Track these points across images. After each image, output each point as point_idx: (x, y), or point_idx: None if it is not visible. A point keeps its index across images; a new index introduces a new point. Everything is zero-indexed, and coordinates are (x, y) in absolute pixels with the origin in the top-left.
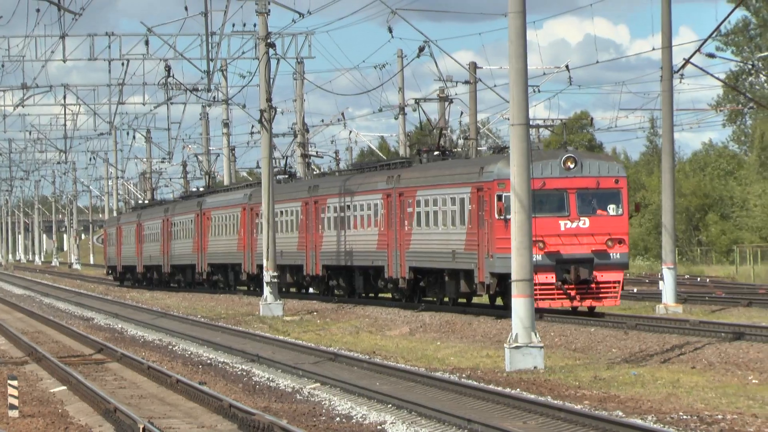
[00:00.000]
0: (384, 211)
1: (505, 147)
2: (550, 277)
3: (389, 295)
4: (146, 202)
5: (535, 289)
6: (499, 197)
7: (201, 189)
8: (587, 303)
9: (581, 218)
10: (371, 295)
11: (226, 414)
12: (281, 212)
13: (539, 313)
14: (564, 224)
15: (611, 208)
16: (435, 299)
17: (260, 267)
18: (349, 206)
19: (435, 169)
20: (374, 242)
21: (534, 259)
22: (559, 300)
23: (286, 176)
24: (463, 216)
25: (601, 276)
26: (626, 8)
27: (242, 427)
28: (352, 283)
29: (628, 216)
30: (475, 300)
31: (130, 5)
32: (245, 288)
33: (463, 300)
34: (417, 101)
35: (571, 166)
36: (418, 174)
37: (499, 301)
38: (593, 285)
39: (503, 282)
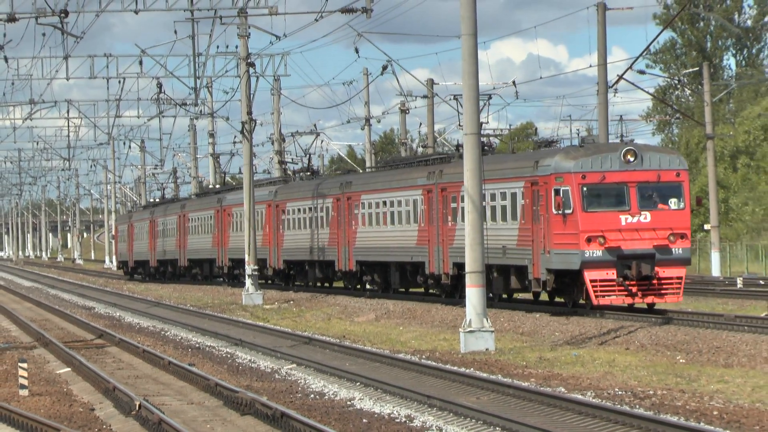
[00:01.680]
0: (424, 206)
1: (553, 141)
2: (611, 273)
3: (422, 290)
4: (157, 200)
5: (596, 286)
6: (557, 191)
7: (217, 186)
8: (649, 299)
9: (642, 212)
10: (402, 290)
11: (212, 392)
12: (310, 209)
13: (600, 311)
14: (625, 219)
15: (672, 202)
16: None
17: (286, 262)
18: (385, 202)
19: (484, 163)
20: (413, 238)
21: (594, 255)
22: (620, 296)
23: (309, 173)
24: (515, 211)
25: (663, 272)
26: (565, 30)
27: (227, 403)
28: (387, 278)
29: (690, 210)
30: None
31: (126, 29)
32: (269, 282)
33: (517, 296)
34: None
35: (631, 159)
36: (462, 169)
37: (542, 297)
38: (655, 281)
39: (560, 278)
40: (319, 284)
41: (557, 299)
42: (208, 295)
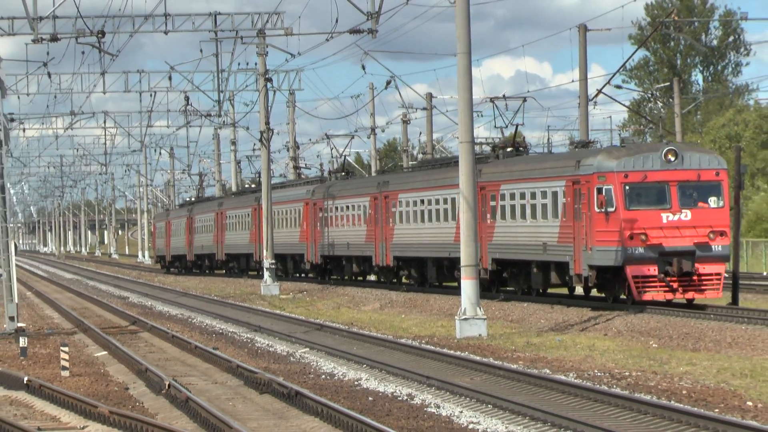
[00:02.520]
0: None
1: (590, 141)
2: (653, 270)
3: (456, 284)
4: (192, 199)
5: (638, 282)
6: (599, 190)
7: (253, 186)
8: (690, 295)
9: (683, 210)
10: (437, 284)
11: (234, 373)
12: (347, 206)
13: (641, 306)
14: (666, 217)
15: (712, 201)
16: (517, 290)
17: (324, 257)
18: (423, 201)
19: (521, 164)
20: (452, 235)
21: (636, 252)
22: (661, 292)
23: (344, 174)
24: (556, 209)
25: (703, 268)
26: (549, 49)
27: (247, 383)
28: (424, 273)
29: (729, 208)
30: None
31: (156, 48)
32: (307, 275)
33: (553, 290)
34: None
35: (672, 158)
36: (502, 168)
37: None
38: (695, 277)
39: (602, 274)
40: (355, 278)
41: (596, 294)
42: (230, 286)
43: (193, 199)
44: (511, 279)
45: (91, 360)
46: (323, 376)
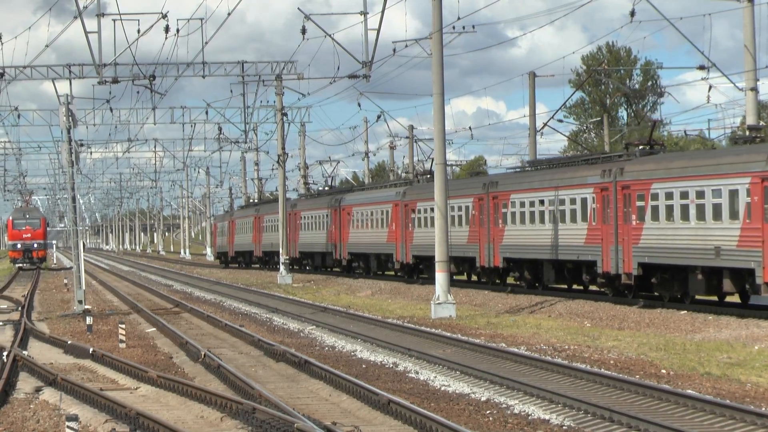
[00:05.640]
0: (597, 205)
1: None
2: None
3: (581, 287)
4: (257, 200)
5: None
6: None
7: (326, 189)
8: None
9: None
10: (553, 286)
11: (256, 345)
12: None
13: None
14: None
15: None
16: (666, 297)
17: (414, 257)
18: (541, 201)
19: (681, 159)
20: (582, 236)
21: None
22: None
23: (428, 176)
24: (735, 209)
25: None
26: (504, 91)
27: (266, 353)
28: (538, 275)
29: None
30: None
31: (195, 89)
32: (392, 273)
33: (714, 297)
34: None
35: None
36: (653, 165)
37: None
38: None
39: None
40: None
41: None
42: (253, 276)
43: (255, 200)
44: (660, 285)
45: (143, 335)
46: (326, 348)
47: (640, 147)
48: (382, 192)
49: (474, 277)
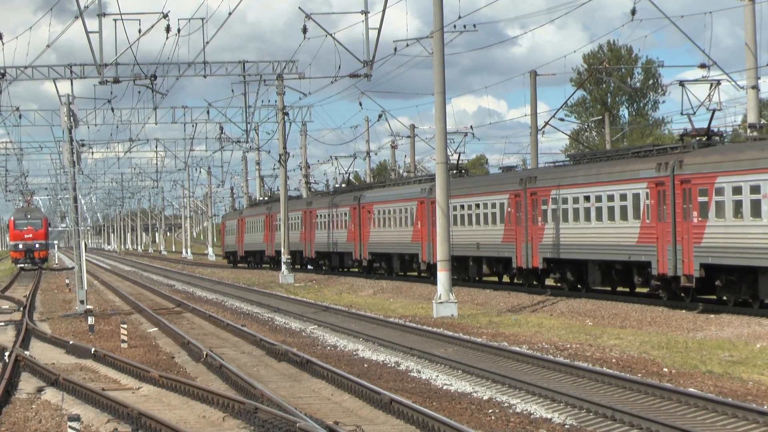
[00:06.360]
0: (652, 201)
1: None
2: None
3: (628, 289)
4: (268, 198)
5: None
6: None
7: (342, 186)
8: None
9: None
10: (601, 288)
11: (258, 345)
12: (476, 205)
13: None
14: None
15: None
16: (730, 301)
17: None
18: (587, 197)
19: (751, 150)
20: (633, 235)
21: None
22: None
23: (457, 172)
24: None
25: None
26: (505, 90)
27: (268, 353)
28: (583, 276)
29: None
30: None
31: (197, 88)
32: (415, 274)
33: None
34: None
35: None
36: (717, 157)
37: None
38: None
39: None
40: (485, 279)
41: None
42: (254, 276)
43: (266, 198)
44: (725, 288)
45: (145, 335)
46: (328, 347)
47: (698, 138)
48: (406, 189)
49: (505, 278)
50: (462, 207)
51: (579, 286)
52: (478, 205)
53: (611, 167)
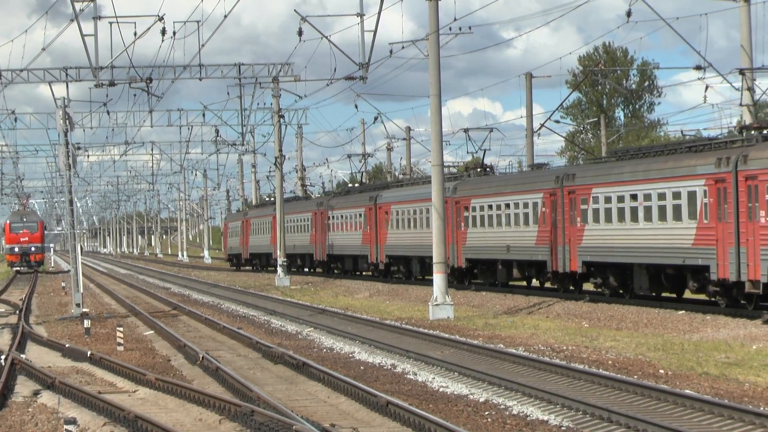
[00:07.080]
0: (711, 199)
1: None
2: None
3: (673, 296)
4: (271, 199)
5: None
6: None
7: (355, 186)
8: None
9: None
10: (646, 294)
11: (254, 347)
12: (506, 205)
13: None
14: None
15: None
16: None
17: (468, 260)
18: (634, 196)
19: None
20: (689, 237)
21: None
22: None
23: (481, 170)
24: None
25: None
26: (500, 92)
27: (265, 356)
28: (626, 281)
29: None
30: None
31: (192, 91)
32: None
33: None
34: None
35: None
36: None
37: None
38: None
39: None
40: (512, 283)
41: None
42: (251, 279)
43: (271, 198)
44: None
45: (141, 338)
46: (324, 350)
47: (764, 131)
48: (426, 188)
49: (535, 282)
50: (490, 207)
51: (621, 291)
52: (507, 205)
53: (662, 163)
